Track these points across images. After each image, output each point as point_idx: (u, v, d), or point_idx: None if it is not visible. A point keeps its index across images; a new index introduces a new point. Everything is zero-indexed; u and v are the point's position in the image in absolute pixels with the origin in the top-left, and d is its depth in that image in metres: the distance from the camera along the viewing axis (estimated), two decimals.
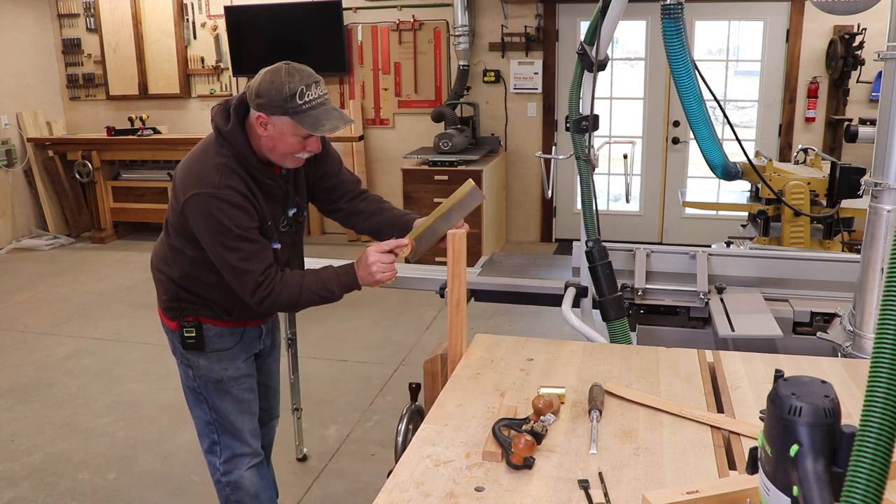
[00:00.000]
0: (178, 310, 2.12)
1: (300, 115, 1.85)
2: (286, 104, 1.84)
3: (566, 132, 2.37)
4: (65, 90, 7.58)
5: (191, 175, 1.93)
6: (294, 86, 1.84)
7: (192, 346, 2.13)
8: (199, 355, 2.15)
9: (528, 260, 3.14)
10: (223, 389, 2.18)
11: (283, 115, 1.85)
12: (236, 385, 2.20)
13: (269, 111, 1.86)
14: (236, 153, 1.93)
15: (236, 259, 1.89)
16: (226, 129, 1.93)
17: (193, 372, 2.18)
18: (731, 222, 5.07)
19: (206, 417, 2.23)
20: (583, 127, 2.30)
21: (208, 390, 2.18)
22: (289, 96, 1.83)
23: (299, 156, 1.97)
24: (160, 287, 2.17)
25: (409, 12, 6.53)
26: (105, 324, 4.87)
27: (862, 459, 0.71)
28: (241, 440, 2.25)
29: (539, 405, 1.45)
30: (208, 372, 2.16)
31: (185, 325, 2.12)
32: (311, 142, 1.94)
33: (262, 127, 1.89)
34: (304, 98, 1.84)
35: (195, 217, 1.90)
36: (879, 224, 1.93)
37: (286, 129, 1.88)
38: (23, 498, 2.96)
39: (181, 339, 2.13)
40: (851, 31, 5.62)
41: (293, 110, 1.84)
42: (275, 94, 1.84)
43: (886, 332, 0.73)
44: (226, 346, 2.16)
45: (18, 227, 7.12)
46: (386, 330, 4.63)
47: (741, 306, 2.38)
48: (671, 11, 2.13)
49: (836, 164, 3.14)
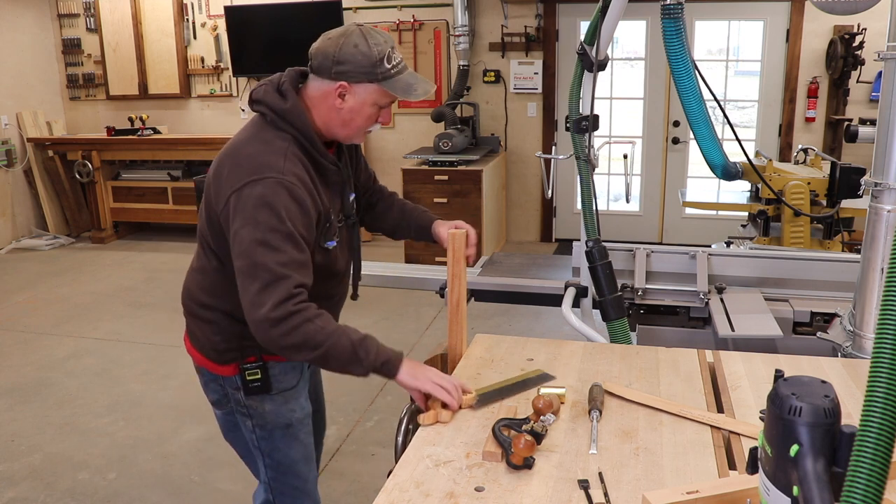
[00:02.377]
0: (238, 350, 1.77)
1: (390, 81, 1.65)
2: (375, 69, 1.63)
3: (566, 132, 2.37)
4: (65, 90, 7.58)
5: (244, 163, 1.61)
6: (382, 49, 1.64)
7: (256, 391, 1.78)
8: (263, 400, 1.80)
9: (528, 260, 3.14)
10: (291, 435, 1.86)
11: (371, 81, 1.64)
12: (303, 427, 1.89)
13: (353, 79, 1.63)
14: (298, 134, 1.65)
15: (276, 261, 1.54)
16: (285, 106, 1.65)
17: (254, 422, 1.82)
18: (731, 222, 5.07)
19: (262, 476, 1.91)
20: (583, 127, 2.30)
21: (273, 440, 1.84)
22: (378, 60, 1.63)
23: (370, 130, 1.75)
24: (209, 328, 1.79)
25: (409, 12, 6.53)
26: (105, 324, 4.87)
27: (862, 459, 0.71)
28: (306, 492, 1.93)
29: (539, 405, 1.45)
30: (276, 417, 1.82)
31: (247, 367, 1.77)
32: (385, 112, 1.73)
33: (339, 98, 1.65)
34: (392, 62, 1.66)
35: (243, 207, 1.57)
36: (879, 224, 1.93)
37: (370, 97, 1.66)
38: (23, 498, 2.96)
39: (242, 385, 1.79)
40: (851, 31, 5.62)
41: (382, 76, 1.64)
42: (361, 58, 1.62)
43: (886, 332, 0.73)
44: (292, 383, 1.84)
45: (18, 227, 7.12)
46: (386, 330, 4.62)
47: (741, 306, 2.38)
48: (671, 11, 2.13)
49: (836, 164, 3.14)
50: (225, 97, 7.15)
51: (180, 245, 6.91)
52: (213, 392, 1.89)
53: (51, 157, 7.14)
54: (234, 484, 3.01)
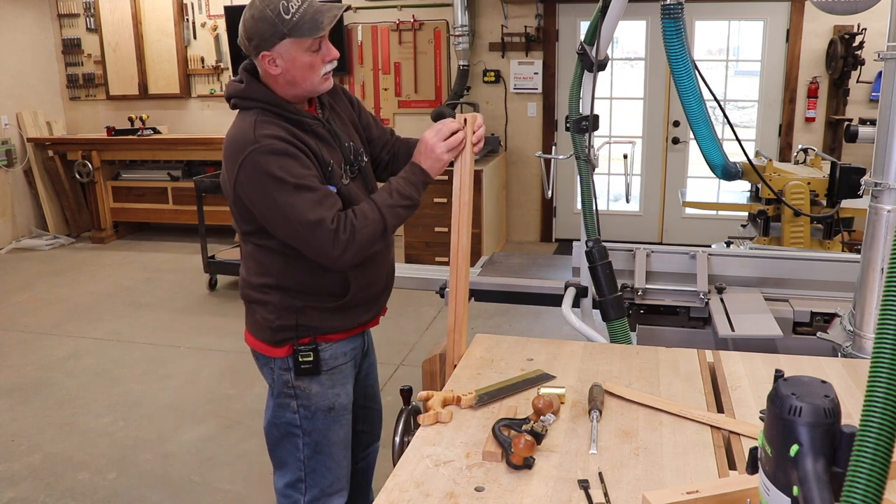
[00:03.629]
0: (294, 329, 1.86)
1: (297, 29, 1.70)
2: (277, 27, 1.69)
3: (566, 132, 2.37)
4: (65, 90, 7.59)
5: (228, 150, 1.75)
6: (274, 6, 1.69)
7: (306, 372, 1.88)
8: (311, 381, 1.90)
9: (528, 260, 3.14)
10: (333, 418, 1.95)
11: (282, 38, 1.70)
12: (345, 413, 1.99)
13: (269, 45, 1.71)
14: (263, 105, 1.76)
15: (301, 213, 1.67)
16: (242, 88, 1.78)
17: (299, 402, 1.92)
18: (731, 222, 5.07)
19: (296, 453, 1.97)
20: (583, 127, 2.30)
21: (315, 422, 1.94)
22: (275, 18, 1.68)
23: (324, 72, 1.79)
24: (264, 309, 1.87)
25: (409, 12, 6.53)
26: (105, 324, 4.87)
27: (862, 459, 0.71)
28: (338, 476, 2.01)
29: (539, 405, 1.45)
30: (320, 399, 1.92)
31: (300, 348, 1.87)
32: (324, 52, 1.77)
33: (272, 65, 1.73)
34: (290, 11, 1.69)
35: (249, 188, 1.71)
36: (879, 224, 1.93)
37: (293, 50, 1.72)
38: (23, 498, 2.96)
39: (294, 366, 1.88)
40: (851, 31, 5.62)
41: (288, 29, 1.69)
42: (262, 24, 1.70)
43: (886, 332, 0.73)
44: (339, 363, 1.95)
45: (18, 227, 7.12)
46: (386, 330, 4.60)
47: (741, 306, 2.38)
48: (671, 11, 2.13)
49: (836, 164, 3.14)
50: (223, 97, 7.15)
51: (180, 245, 6.91)
52: (267, 376, 1.98)
53: (51, 157, 7.14)
54: (233, 484, 3.01)
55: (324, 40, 1.77)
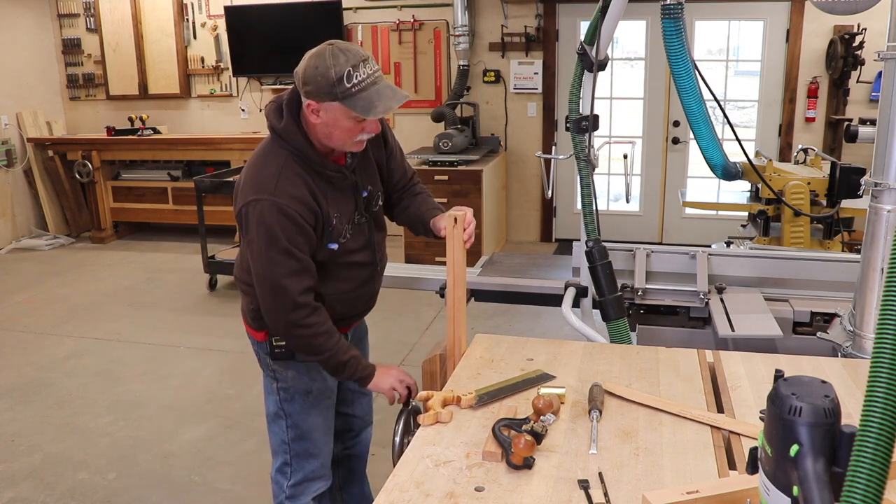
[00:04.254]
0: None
1: (350, 99, 1.72)
2: (334, 89, 1.71)
3: (566, 132, 2.37)
4: (65, 90, 7.58)
5: (248, 181, 1.83)
6: (340, 69, 1.70)
7: (280, 356, 2.00)
8: (287, 365, 2.02)
9: (528, 260, 3.14)
10: (311, 404, 2.06)
11: (333, 100, 1.73)
12: (323, 399, 2.09)
13: (318, 98, 1.74)
14: (294, 150, 1.82)
15: (276, 273, 1.79)
16: (279, 126, 1.83)
17: (279, 384, 2.05)
18: (731, 222, 5.07)
19: (283, 436, 2.09)
20: (583, 127, 2.30)
21: (294, 405, 2.05)
22: (336, 80, 1.70)
23: (359, 139, 1.83)
24: (246, 298, 2.03)
25: (409, 12, 6.53)
26: (105, 324, 4.87)
27: (862, 459, 0.71)
28: (319, 460, 2.11)
29: (539, 405, 1.45)
30: (297, 383, 2.03)
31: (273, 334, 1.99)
32: (368, 123, 1.81)
33: (314, 115, 1.78)
34: (352, 80, 1.71)
35: (249, 223, 1.80)
36: (879, 224, 1.93)
37: (339, 114, 1.75)
38: (23, 498, 2.96)
39: (269, 350, 2.01)
40: (851, 31, 5.62)
41: (342, 95, 1.72)
42: (321, 79, 1.71)
43: (886, 332, 0.73)
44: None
45: (18, 227, 7.12)
46: (386, 330, 4.62)
47: (741, 306, 2.38)
48: (671, 11, 2.13)
49: (836, 164, 3.14)
50: (225, 97, 7.15)
51: (180, 245, 6.91)
52: (256, 355, 2.10)
53: (51, 157, 7.14)
54: (233, 484, 3.01)
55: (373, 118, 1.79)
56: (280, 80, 6.83)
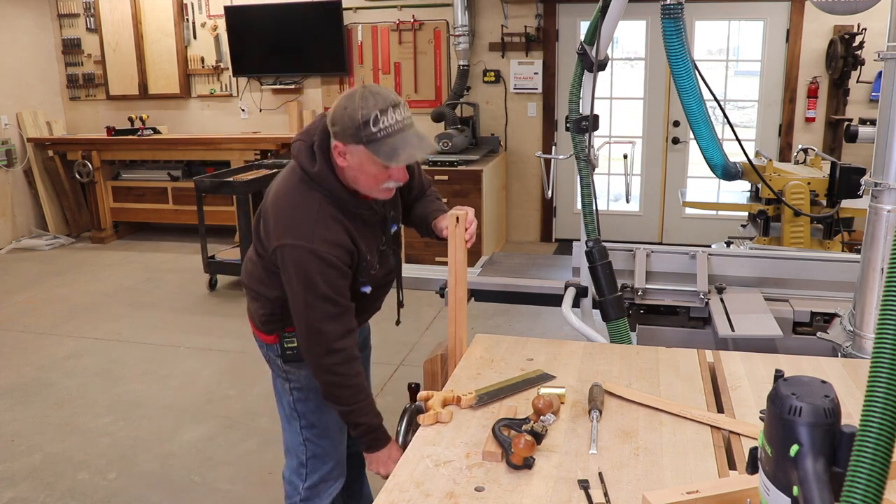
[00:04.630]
0: (280, 321, 1.96)
1: (375, 144, 1.68)
2: (359, 132, 1.68)
3: (566, 132, 2.37)
4: (65, 90, 7.58)
5: (282, 220, 1.79)
6: (367, 112, 1.66)
7: (293, 358, 1.98)
8: (301, 366, 1.98)
9: (528, 260, 3.14)
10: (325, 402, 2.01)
11: (358, 143, 1.69)
12: None
13: (344, 140, 1.71)
14: (328, 194, 1.79)
15: (315, 317, 1.76)
16: (314, 170, 1.78)
17: (292, 385, 2.02)
18: (731, 222, 5.07)
19: (297, 437, 2.06)
20: (583, 127, 2.30)
21: (308, 405, 2.02)
22: (361, 124, 1.67)
23: (385, 186, 1.79)
24: (256, 304, 2.00)
25: (409, 12, 6.53)
26: (105, 324, 4.87)
27: (862, 459, 0.71)
28: (335, 460, 2.09)
29: (539, 405, 1.45)
30: (311, 382, 1.97)
31: (286, 336, 1.96)
32: (395, 171, 1.75)
33: (341, 157, 1.74)
34: (378, 125, 1.67)
35: (286, 265, 1.78)
36: (879, 224, 1.93)
37: (364, 158, 1.71)
38: (23, 498, 2.96)
39: (281, 352, 1.99)
40: (851, 31, 5.62)
41: (367, 139, 1.68)
42: (348, 121, 1.68)
43: (886, 332, 0.73)
44: None
45: (18, 227, 7.12)
46: (386, 330, 4.61)
47: (741, 306, 2.38)
48: (671, 11, 2.13)
49: (836, 164, 3.14)
50: (225, 97, 7.15)
51: (180, 245, 6.91)
52: (265, 357, 2.08)
53: (51, 157, 7.14)
54: (233, 484, 3.01)
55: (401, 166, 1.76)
56: (280, 80, 6.83)
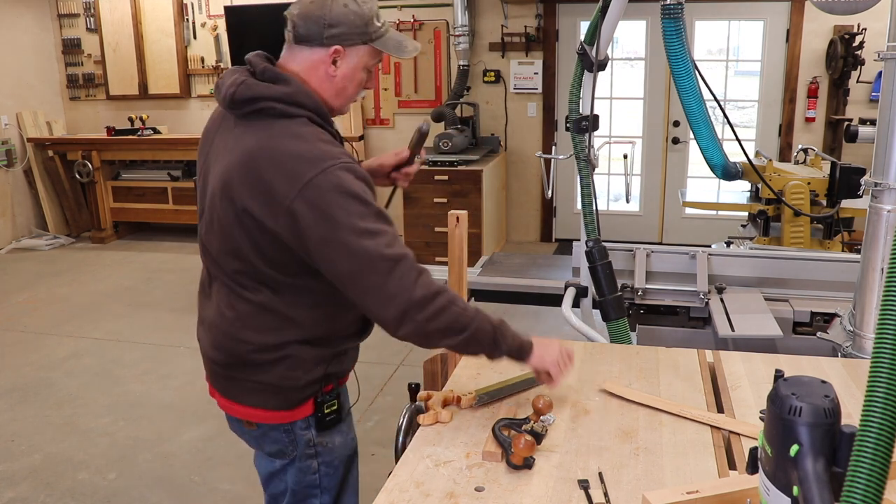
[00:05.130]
0: (321, 381, 1.59)
1: (382, 40, 1.55)
2: (368, 28, 1.52)
3: (566, 132, 2.37)
4: (65, 90, 7.58)
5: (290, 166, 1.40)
6: (371, 7, 1.53)
7: (330, 425, 1.63)
8: (334, 433, 1.65)
9: (528, 260, 3.14)
10: (354, 464, 1.77)
11: (364, 43, 1.53)
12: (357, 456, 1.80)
13: (347, 41, 1.51)
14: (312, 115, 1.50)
15: (385, 244, 1.38)
16: (290, 90, 1.48)
17: (321, 460, 1.65)
18: (731, 222, 5.06)
19: None
20: (583, 127, 2.30)
21: (336, 476, 1.70)
22: (370, 19, 1.52)
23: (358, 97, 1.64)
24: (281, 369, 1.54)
25: (409, 12, 6.53)
26: (105, 324, 4.87)
27: (862, 459, 0.71)
28: None
29: (539, 405, 1.45)
30: (343, 450, 1.69)
31: (325, 399, 1.60)
32: (373, 76, 1.62)
33: (333, 65, 1.52)
34: (380, 20, 1.56)
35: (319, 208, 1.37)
36: (879, 224, 1.93)
37: (361, 60, 1.54)
38: (23, 498, 2.96)
39: (316, 423, 1.61)
40: (851, 31, 5.62)
41: (375, 35, 1.53)
42: (354, 18, 1.50)
43: (886, 332, 0.73)
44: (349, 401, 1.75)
45: (18, 227, 7.12)
46: None
47: (741, 306, 2.38)
48: (671, 11, 2.13)
49: (836, 164, 3.14)
50: None
51: (180, 245, 6.91)
52: (273, 443, 1.64)
53: (51, 157, 7.14)
54: (233, 484, 3.01)
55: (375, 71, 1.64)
56: None
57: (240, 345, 1.55)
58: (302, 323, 1.53)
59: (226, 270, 1.55)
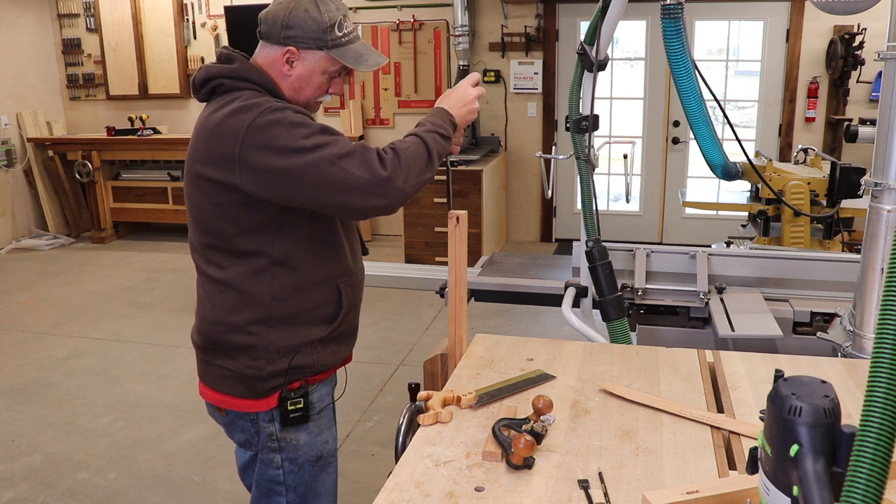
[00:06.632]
0: (286, 374, 1.65)
1: (340, 49, 1.59)
2: (325, 36, 1.57)
3: (566, 132, 2.37)
4: (65, 90, 7.58)
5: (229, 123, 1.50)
6: (333, 15, 1.58)
7: (295, 421, 1.67)
8: (299, 431, 1.70)
9: (528, 260, 3.14)
10: (321, 467, 1.77)
11: (320, 48, 1.58)
12: (332, 461, 1.80)
13: (302, 44, 1.57)
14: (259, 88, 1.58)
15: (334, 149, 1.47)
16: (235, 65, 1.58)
17: (284, 455, 1.71)
18: (731, 222, 5.06)
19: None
20: (583, 127, 2.30)
21: (303, 475, 1.73)
22: (328, 27, 1.57)
23: (321, 100, 1.69)
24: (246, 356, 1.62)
25: (409, 12, 6.53)
26: (105, 324, 4.87)
27: (862, 459, 0.71)
28: None
29: (539, 405, 1.45)
30: (308, 449, 1.73)
31: (291, 396, 1.65)
32: (336, 82, 1.66)
33: (287, 64, 1.59)
34: (342, 30, 1.59)
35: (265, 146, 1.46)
36: (879, 224, 1.93)
37: (318, 65, 1.60)
38: (23, 498, 2.96)
39: (280, 418, 1.67)
40: (851, 31, 5.62)
41: (332, 43, 1.58)
42: (311, 23, 1.56)
43: (886, 332, 0.73)
44: (325, 404, 1.76)
45: (18, 227, 7.12)
46: (386, 330, 4.62)
47: (741, 306, 2.37)
48: (671, 11, 2.13)
49: (836, 164, 3.14)
50: None
51: (180, 245, 6.91)
52: (240, 432, 1.74)
53: (51, 157, 7.14)
54: (233, 484, 3.01)
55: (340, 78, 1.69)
56: None
57: (210, 326, 1.66)
58: (261, 299, 1.60)
59: (199, 251, 1.65)
